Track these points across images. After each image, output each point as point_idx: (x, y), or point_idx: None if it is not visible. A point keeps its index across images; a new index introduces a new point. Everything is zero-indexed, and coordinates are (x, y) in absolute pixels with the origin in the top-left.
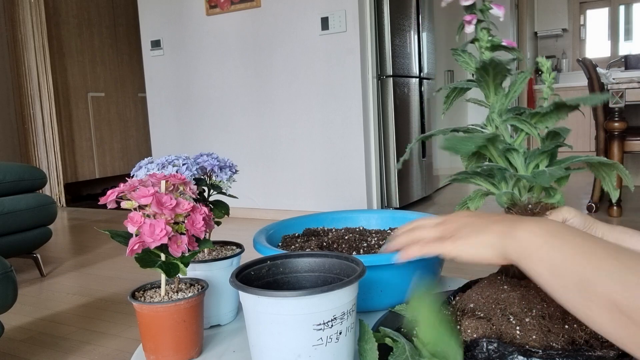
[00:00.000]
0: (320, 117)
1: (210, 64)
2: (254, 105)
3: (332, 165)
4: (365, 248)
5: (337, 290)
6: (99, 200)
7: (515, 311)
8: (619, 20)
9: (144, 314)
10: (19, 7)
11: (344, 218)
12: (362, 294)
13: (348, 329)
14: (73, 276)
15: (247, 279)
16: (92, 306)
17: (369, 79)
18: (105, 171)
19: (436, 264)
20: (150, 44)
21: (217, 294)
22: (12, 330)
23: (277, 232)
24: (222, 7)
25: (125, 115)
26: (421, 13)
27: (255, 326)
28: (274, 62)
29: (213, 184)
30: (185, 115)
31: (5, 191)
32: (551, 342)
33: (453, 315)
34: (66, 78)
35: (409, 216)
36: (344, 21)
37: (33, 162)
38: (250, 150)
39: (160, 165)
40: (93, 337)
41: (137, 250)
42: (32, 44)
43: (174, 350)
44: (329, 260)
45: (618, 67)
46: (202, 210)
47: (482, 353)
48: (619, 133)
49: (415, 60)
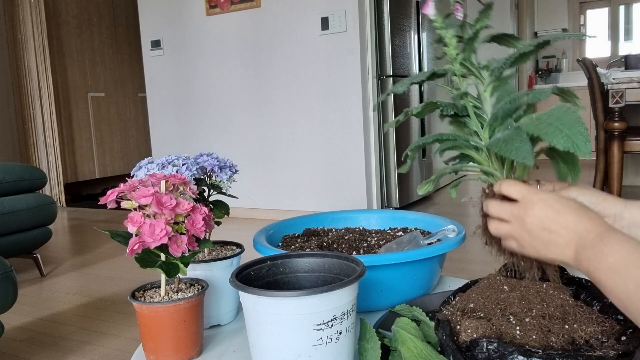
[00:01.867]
0: (320, 117)
1: (210, 64)
2: (254, 105)
3: (332, 165)
4: (365, 248)
5: (337, 290)
6: (99, 200)
7: (515, 311)
8: (619, 20)
9: (144, 314)
10: (19, 7)
11: (344, 218)
12: (362, 294)
13: (348, 329)
14: (73, 276)
15: (247, 279)
16: (92, 306)
17: (369, 79)
18: (105, 171)
19: (436, 264)
20: (150, 44)
21: (217, 294)
22: (12, 330)
23: (277, 232)
24: (222, 7)
25: (125, 115)
26: (421, 13)
27: (255, 326)
28: (274, 62)
29: (213, 184)
30: (185, 115)
31: (5, 191)
32: (551, 342)
33: (453, 315)
34: (66, 78)
35: (409, 216)
36: (344, 21)
37: (33, 162)
38: (250, 150)
39: (160, 165)
40: (93, 337)
41: (137, 250)
42: (32, 44)
43: (174, 350)
44: (329, 260)
45: (618, 67)
46: (202, 210)
47: (482, 353)
48: (619, 133)
49: (415, 60)
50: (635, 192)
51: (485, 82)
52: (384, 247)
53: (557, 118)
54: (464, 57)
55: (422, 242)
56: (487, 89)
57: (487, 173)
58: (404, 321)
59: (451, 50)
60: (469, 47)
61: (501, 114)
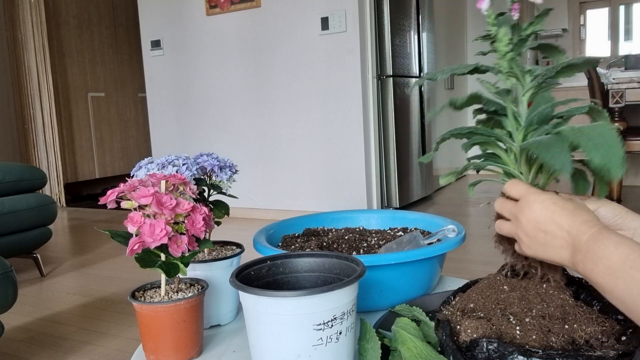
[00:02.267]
0: (320, 117)
1: (210, 64)
2: (254, 105)
3: (332, 165)
4: (365, 248)
5: (337, 290)
6: (99, 200)
7: (515, 311)
8: (619, 20)
9: (144, 314)
10: (19, 7)
11: (344, 218)
12: (362, 294)
13: (348, 329)
14: (73, 276)
15: (247, 279)
16: (92, 306)
17: (369, 79)
18: (105, 171)
19: (436, 264)
20: (150, 44)
21: (217, 294)
22: (12, 330)
23: (277, 232)
24: (222, 7)
25: (125, 115)
26: (421, 13)
27: (255, 326)
28: (274, 62)
29: (213, 184)
30: (185, 115)
31: (5, 191)
32: (551, 342)
33: (453, 315)
34: (66, 78)
35: (409, 216)
36: (344, 21)
37: (33, 162)
38: (250, 150)
39: (160, 165)
40: (93, 337)
41: (137, 250)
42: (32, 44)
43: (174, 350)
44: (329, 260)
45: (618, 67)
46: (202, 210)
47: (482, 353)
48: (619, 133)
49: (415, 60)
50: (635, 192)
51: (526, 86)
52: (384, 247)
53: (600, 134)
54: (513, 57)
55: (422, 242)
56: (526, 93)
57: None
58: (404, 321)
59: (502, 46)
60: (517, 48)
61: (537, 120)
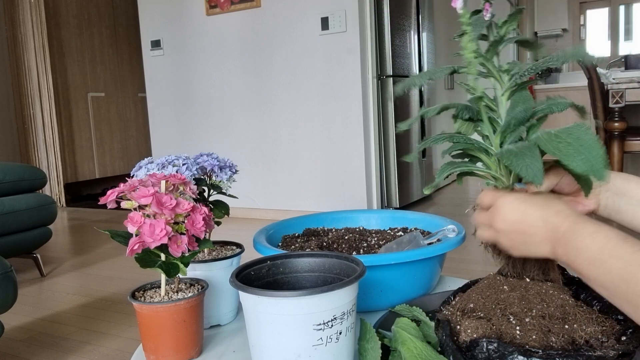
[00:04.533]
0: (320, 117)
1: (210, 64)
2: (254, 106)
3: (332, 165)
4: (365, 248)
5: (337, 290)
6: (99, 200)
7: (515, 311)
8: (619, 20)
9: (144, 314)
10: (19, 7)
11: (344, 218)
12: (362, 294)
13: (348, 329)
14: (73, 276)
15: (247, 279)
16: (92, 306)
17: (369, 79)
18: (105, 171)
19: (436, 264)
20: (150, 44)
21: (217, 294)
22: (12, 330)
23: (277, 232)
24: (222, 7)
25: (125, 115)
26: (421, 13)
27: (255, 326)
28: (274, 62)
29: (213, 184)
30: (185, 115)
31: (5, 191)
32: (551, 342)
33: (453, 315)
34: (66, 78)
35: (409, 216)
36: (344, 21)
37: (33, 162)
38: (250, 150)
39: (160, 165)
40: (93, 337)
41: (137, 250)
42: (32, 44)
43: (174, 350)
44: (329, 260)
45: (618, 67)
46: (202, 210)
47: (482, 353)
48: (619, 133)
49: (415, 60)
50: None
51: (504, 86)
52: (384, 247)
53: (577, 138)
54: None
55: (422, 242)
56: (504, 93)
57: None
58: (404, 321)
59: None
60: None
61: (514, 122)
